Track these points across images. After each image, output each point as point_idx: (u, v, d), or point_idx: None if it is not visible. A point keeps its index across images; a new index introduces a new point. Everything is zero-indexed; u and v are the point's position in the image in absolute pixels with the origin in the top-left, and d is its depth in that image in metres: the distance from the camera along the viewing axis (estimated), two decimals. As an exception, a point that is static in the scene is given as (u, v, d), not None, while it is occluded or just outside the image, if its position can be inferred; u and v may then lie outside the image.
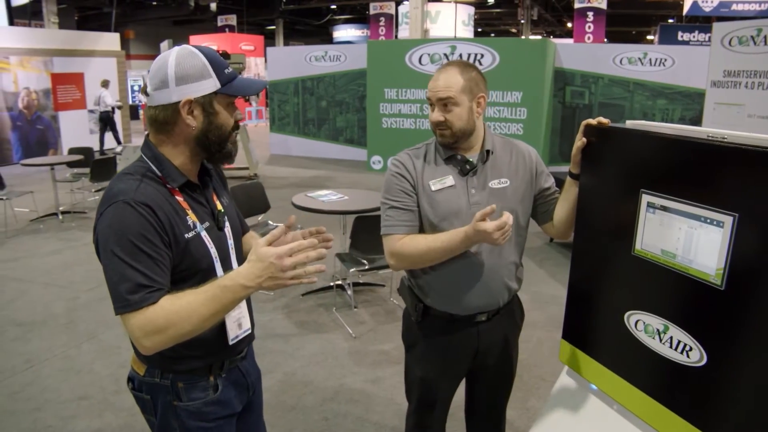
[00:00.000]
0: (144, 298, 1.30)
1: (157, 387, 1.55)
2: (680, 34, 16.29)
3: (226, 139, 1.50)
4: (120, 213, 1.34)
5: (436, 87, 1.89)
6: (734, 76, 6.37)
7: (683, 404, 1.56)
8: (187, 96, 1.42)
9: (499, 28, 28.16)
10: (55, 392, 3.43)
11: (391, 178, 1.96)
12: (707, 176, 1.45)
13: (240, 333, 1.62)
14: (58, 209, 7.49)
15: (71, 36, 13.45)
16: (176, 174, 1.48)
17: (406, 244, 1.89)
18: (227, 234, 1.60)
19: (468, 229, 1.76)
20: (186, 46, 1.46)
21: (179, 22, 23.97)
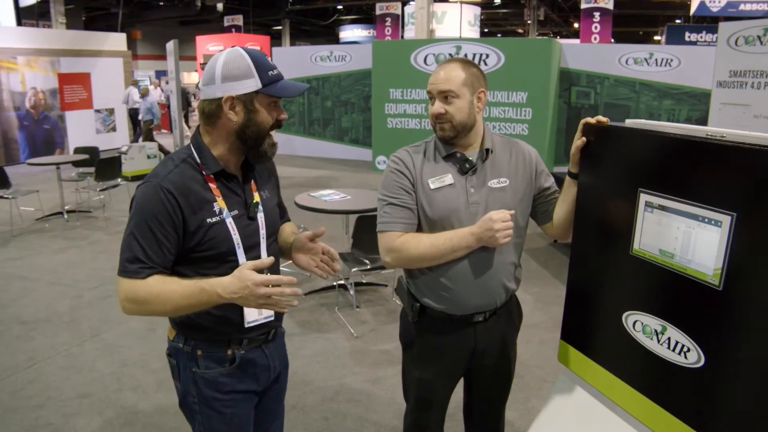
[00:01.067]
0: (136, 270, 1.51)
1: (181, 352, 1.70)
2: (687, 35, 16.21)
3: (264, 136, 1.62)
4: (146, 193, 1.54)
5: (437, 79, 1.88)
6: (740, 76, 6.34)
7: (680, 405, 1.55)
8: (230, 93, 1.56)
9: (505, 29, 28.10)
10: (57, 390, 3.44)
11: (389, 174, 1.94)
12: (705, 175, 1.44)
13: (259, 318, 1.71)
14: (64, 208, 7.51)
15: (78, 36, 13.51)
16: (212, 163, 1.62)
17: (407, 241, 1.87)
18: (260, 223, 1.71)
19: (473, 228, 1.78)
20: (237, 48, 1.59)
21: (186, 23, 24.02)
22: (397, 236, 1.89)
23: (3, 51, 11.33)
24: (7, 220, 7.09)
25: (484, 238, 1.79)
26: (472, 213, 1.88)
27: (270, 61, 1.61)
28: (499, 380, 2.17)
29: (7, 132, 11.54)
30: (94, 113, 13.07)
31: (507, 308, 2.06)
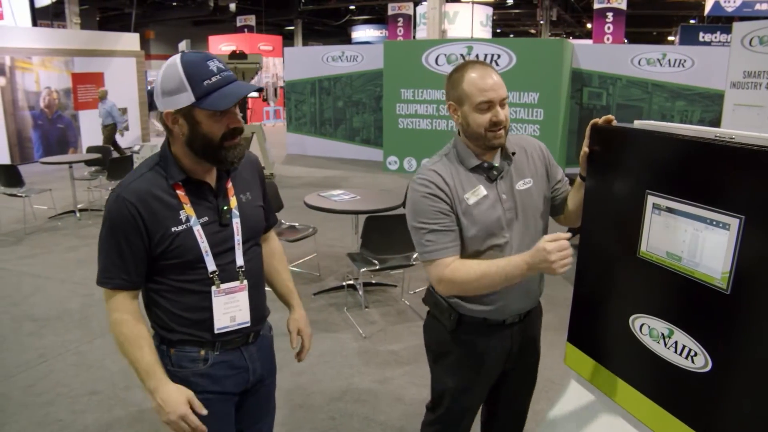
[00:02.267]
0: (105, 281, 1.60)
1: (159, 351, 1.68)
2: (702, 35, 16.07)
3: (217, 147, 1.56)
4: (110, 204, 1.57)
5: (494, 85, 1.77)
6: (754, 76, 6.27)
7: (687, 410, 1.54)
8: (167, 108, 1.54)
9: (517, 29, 28.01)
10: (67, 387, 3.47)
11: (422, 200, 1.80)
12: (714, 177, 1.42)
13: (231, 325, 1.69)
14: (76, 207, 7.58)
15: (92, 36, 13.62)
16: (175, 172, 1.60)
17: (457, 269, 1.77)
18: (235, 229, 1.68)
19: (527, 257, 1.66)
20: (175, 59, 1.53)
21: (199, 23, 24.16)
22: (446, 264, 1.78)
23: (18, 51, 11.45)
24: (20, 218, 7.16)
25: (540, 268, 1.65)
26: (509, 220, 1.84)
27: (213, 65, 1.53)
28: (529, 381, 2.15)
29: (22, 131, 11.65)
30: (107, 113, 13.15)
31: (537, 308, 2.07)
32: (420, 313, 4.51)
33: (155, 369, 1.58)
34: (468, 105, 1.80)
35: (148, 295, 1.67)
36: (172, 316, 1.64)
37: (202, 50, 7.60)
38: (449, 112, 1.89)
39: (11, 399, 3.35)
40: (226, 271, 1.66)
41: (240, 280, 1.69)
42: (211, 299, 1.65)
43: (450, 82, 1.86)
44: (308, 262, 5.60)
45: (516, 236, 1.87)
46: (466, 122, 1.82)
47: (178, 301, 1.64)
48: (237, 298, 1.69)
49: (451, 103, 1.86)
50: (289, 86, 13.05)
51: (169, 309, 1.64)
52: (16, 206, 7.41)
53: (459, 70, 1.83)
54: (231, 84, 1.54)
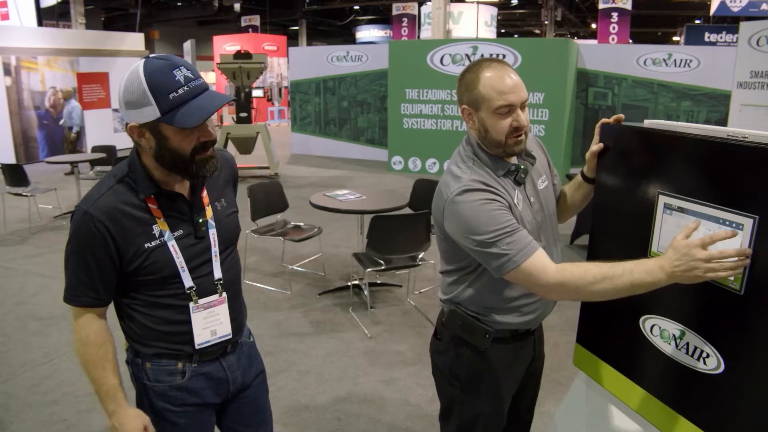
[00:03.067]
0: (71, 298, 1.54)
1: (134, 364, 1.64)
2: (707, 35, 16.03)
3: (187, 162, 1.46)
4: (77, 220, 1.48)
5: (515, 87, 1.63)
6: (762, 76, 6.24)
7: (698, 412, 1.52)
8: (131, 122, 1.43)
9: (522, 29, 27.97)
10: (72, 386, 3.46)
11: (481, 208, 1.60)
12: (727, 177, 1.41)
13: (212, 339, 1.63)
14: (81, 206, 7.58)
15: (97, 36, 13.65)
16: (146, 185, 1.50)
17: (566, 269, 1.53)
18: (211, 241, 1.61)
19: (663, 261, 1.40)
20: (137, 68, 1.39)
21: (203, 23, 24.20)
22: (544, 264, 1.55)
23: (24, 51, 11.47)
24: (25, 217, 7.17)
25: (679, 275, 1.38)
26: (540, 222, 1.78)
27: (179, 75, 1.39)
28: (538, 384, 2.10)
29: (27, 131, 11.68)
30: (112, 112, 13.18)
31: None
32: (425, 313, 4.50)
33: (116, 393, 1.54)
34: (485, 109, 1.66)
35: (122, 308, 1.60)
36: (147, 330, 1.57)
37: (206, 50, 7.51)
38: (463, 117, 1.75)
39: (16, 398, 3.35)
40: (203, 284, 1.59)
41: (219, 293, 1.63)
42: (189, 312, 1.58)
43: (463, 84, 1.72)
44: (313, 262, 5.60)
45: (549, 239, 1.81)
46: (483, 128, 1.68)
47: (154, 316, 1.57)
48: (217, 312, 1.62)
49: (465, 107, 1.72)
50: (294, 86, 13.04)
51: (144, 323, 1.57)
52: (22, 206, 7.42)
53: (473, 69, 1.69)
54: (200, 96, 1.41)
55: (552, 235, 1.86)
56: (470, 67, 1.72)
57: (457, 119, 10.16)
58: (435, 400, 3.29)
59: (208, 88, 1.45)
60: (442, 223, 1.73)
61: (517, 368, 1.92)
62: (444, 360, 1.91)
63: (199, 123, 1.40)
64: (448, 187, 1.69)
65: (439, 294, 1.94)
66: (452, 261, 1.82)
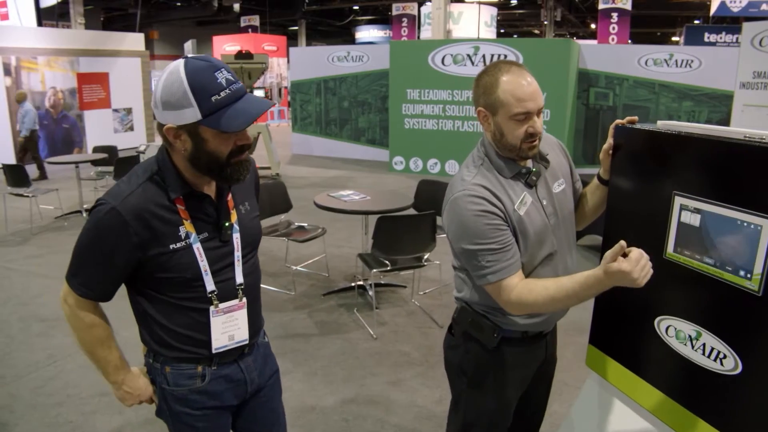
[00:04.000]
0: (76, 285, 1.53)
1: (153, 368, 1.65)
2: (707, 35, 16.04)
3: (223, 165, 1.45)
4: (102, 216, 1.43)
5: (533, 94, 1.65)
6: (765, 77, 6.24)
7: (716, 413, 1.52)
8: (169, 123, 1.40)
9: (521, 29, 27.97)
10: (76, 388, 3.45)
11: (475, 219, 1.65)
12: (745, 178, 1.40)
13: (229, 344, 1.63)
14: (82, 207, 7.57)
15: (97, 36, 13.62)
16: (176, 185, 1.48)
17: (523, 294, 1.65)
18: (235, 245, 1.60)
19: (598, 273, 1.49)
20: (178, 68, 1.37)
21: (203, 23, 24.18)
22: (512, 287, 1.65)
23: (24, 51, 11.45)
24: (27, 218, 7.16)
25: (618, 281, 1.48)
26: (553, 226, 1.78)
27: (221, 78, 1.37)
28: (549, 385, 2.10)
29: (27, 131, 11.65)
30: (112, 112, 13.17)
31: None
32: (430, 314, 4.50)
33: (123, 363, 1.63)
34: (502, 115, 1.67)
35: (144, 310, 1.58)
36: (168, 332, 1.57)
37: (206, 50, 7.41)
38: (478, 119, 1.74)
39: (21, 400, 3.34)
40: (224, 289, 1.58)
41: (239, 298, 1.62)
42: (209, 316, 1.57)
43: (480, 87, 1.71)
44: (317, 262, 5.59)
45: (562, 243, 1.82)
46: (499, 132, 1.69)
47: (175, 318, 1.56)
48: (236, 317, 1.62)
49: (482, 109, 1.71)
50: (294, 86, 13.03)
51: (164, 325, 1.56)
52: (23, 206, 7.41)
53: (491, 72, 1.69)
54: (241, 99, 1.40)
55: (566, 239, 1.85)
56: (488, 69, 1.71)
57: (459, 119, 10.16)
58: (442, 400, 3.31)
59: (247, 92, 1.44)
60: (444, 220, 1.79)
61: (525, 369, 1.93)
62: (455, 355, 1.96)
63: (243, 127, 1.39)
64: (454, 187, 1.75)
65: (453, 290, 1.95)
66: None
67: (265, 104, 1.44)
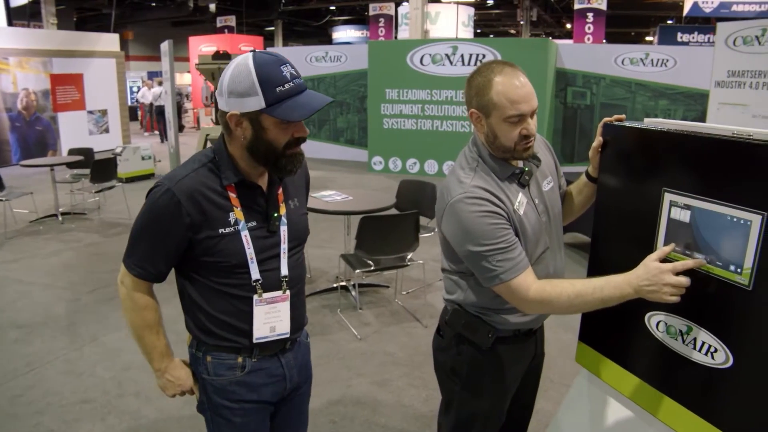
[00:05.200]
0: (130, 266, 1.58)
1: (195, 358, 1.69)
2: (680, 35, 16.27)
3: (279, 155, 1.51)
4: (158, 196, 1.51)
5: (527, 96, 1.63)
6: (738, 76, 6.35)
7: (707, 406, 1.53)
8: (233, 110, 1.47)
9: (498, 29, 28.13)
10: (57, 396, 3.38)
11: (480, 220, 1.63)
12: (734, 174, 1.42)
13: (270, 335, 1.65)
14: (58, 210, 7.44)
15: (70, 37, 13.39)
16: (230, 173, 1.55)
17: (545, 290, 1.62)
18: (281, 237, 1.64)
19: (631, 277, 1.51)
20: (246, 59, 1.45)
21: (178, 23, 23.91)
22: (528, 285, 1.63)
23: (-6, 52, 11.23)
24: (0, 222, 7.01)
25: (645, 293, 1.49)
26: (545, 223, 1.78)
27: (286, 71, 1.45)
28: (537, 381, 2.10)
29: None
30: (87, 114, 12.97)
31: None
32: (414, 313, 4.50)
33: (168, 351, 1.68)
34: (496, 117, 1.65)
35: (189, 296, 1.63)
36: (211, 318, 1.61)
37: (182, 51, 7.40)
38: (470, 120, 1.73)
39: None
40: (269, 279, 1.62)
41: (283, 290, 1.65)
42: (252, 305, 1.60)
43: (473, 87, 1.69)
44: (298, 263, 5.54)
45: (553, 240, 1.83)
46: (492, 134, 1.68)
47: (219, 304, 1.60)
48: (278, 308, 1.65)
49: (474, 111, 1.70)
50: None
51: (208, 311, 1.60)
52: (-4, 210, 7.26)
53: (484, 73, 1.67)
54: (303, 93, 1.47)
55: (557, 237, 1.86)
56: (480, 70, 1.69)
57: (438, 119, 10.18)
58: (429, 400, 3.31)
59: (308, 88, 1.50)
60: (441, 224, 1.76)
61: (518, 367, 1.93)
62: (446, 357, 1.94)
63: (304, 117, 1.45)
64: (451, 190, 1.71)
65: (443, 293, 1.94)
66: (455, 261, 1.82)
67: (324, 99, 1.50)
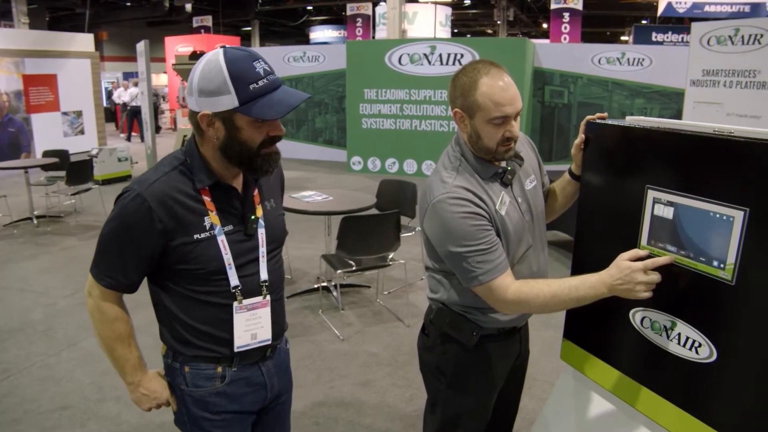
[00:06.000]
0: (98, 275, 1.50)
1: (171, 369, 1.61)
2: (654, 35, 16.49)
3: (254, 155, 1.44)
4: (128, 203, 1.43)
5: (512, 98, 1.64)
6: (713, 75, 6.44)
7: (692, 401, 1.54)
8: (204, 110, 1.40)
9: (475, 29, 28.25)
10: (34, 403, 3.31)
11: (462, 221, 1.63)
12: (716, 171, 1.43)
13: (251, 342, 1.59)
14: (33, 213, 7.30)
15: (43, 36, 13.16)
16: (204, 175, 1.48)
17: (521, 291, 1.64)
18: (259, 240, 1.58)
19: (605, 277, 1.55)
20: (218, 55, 1.38)
21: (154, 24, 23.62)
22: (507, 286, 1.64)
23: (-36, 52, 11.00)
24: (-27, 226, 6.87)
25: (620, 290, 1.54)
26: (528, 222, 1.79)
27: (259, 67, 1.38)
28: (522, 378, 2.11)
29: (-30, 136, 11.20)
30: (62, 116, 12.76)
31: None
32: (396, 313, 4.49)
33: (141, 364, 1.60)
34: (480, 118, 1.65)
35: (164, 306, 1.55)
36: (189, 328, 1.53)
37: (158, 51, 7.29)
38: (454, 119, 1.73)
39: (-25, 416, 3.19)
40: (248, 284, 1.56)
41: (263, 295, 1.59)
42: (232, 313, 1.54)
43: (457, 87, 1.69)
44: (279, 265, 5.50)
45: (536, 239, 1.84)
46: (476, 134, 1.68)
47: (197, 313, 1.53)
48: (259, 315, 1.58)
49: (458, 110, 1.70)
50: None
51: (185, 321, 1.53)
52: (-32, 214, 7.12)
53: (468, 73, 1.67)
54: (278, 90, 1.40)
55: (540, 236, 1.87)
56: (465, 69, 1.69)
57: (416, 119, 10.20)
58: (412, 400, 3.30)
59: (282, 84, 1.43)
60: (423, 223, 1.76)
61: (503, 365, 1.94)
62: (431, 356, 1.94)
63: (281, 115, 1.39)
64: (433, 190, 1.72)
65: (427, 292, 1.94)
66: (438, 260, 1.81)
67: (301, 96, 1.44)
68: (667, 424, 1.61)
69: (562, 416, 2.01)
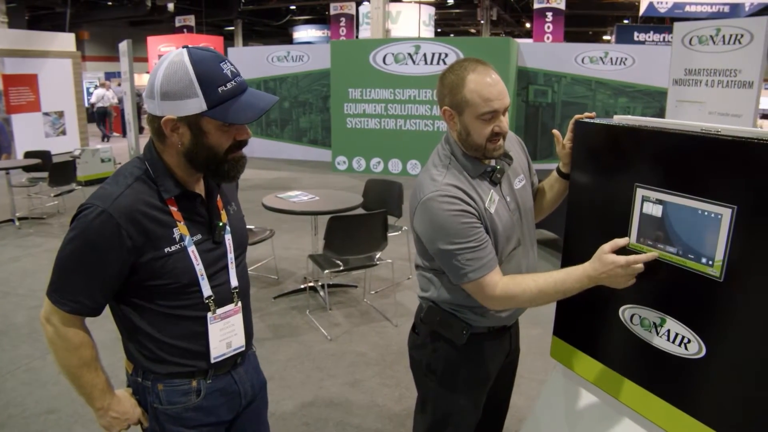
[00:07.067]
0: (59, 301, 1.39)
1: (142, 387, 1.53)
2: (636, 35, 16.63)
3: (220, 160, 1.39)
4: (91, 220, 1.33)
5: (499, 94, 1.65)
6: (695, 74, 6.52)
7: (682, 396, 1.56)
8: (169, 114, 1.32)
9: (458, 29, 28.33)
10: (19, 407, 3.27)
11: (452, 219, 1.64)
12: (704, 169, 1.45)
13: (227, 351, 1.56)
14: (15, 215, 7.21)
15: (23, 36, 12.98)
16: (170, 185, 1.41)
17: (509, 288, 1.66)
18: (227, 247, 1.53)
19: (589, 270, 1.58)
20: (182, 56, 1.31)
21: (136, 23, 23.41)
22: (495, 283, 1.66)
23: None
24: (-47, 228, 6.77)
25: (603, 281, 1.58)
26: (516, 220, 1.80)
27: (226, 69, 1.33)
28: (513, 376, 2.13)
29: (-51, 137, 11.01)
30: (43, 116, 12.60)
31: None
32: (384, 312, 4.49)
33: (109, 387, 1.50)
34: (469, 114, 1.67)
35: (132, 324, 1.47)
36: (162, 345, 1.46)
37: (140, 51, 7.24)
38: (443, 118, 1.74)
39: (-41, 421, 3.15)
40: (221, 293, 1.51)
41: (235, 302, 1.55)
42: (206, 325, 1.49)
43: (446, 85, 1.70)
44: (265, 265, 5.49)
45: (525, 238, 1.85)
46: (465, 131, 1.69)
47: (170, 329, 1.46)
48: (232, 323, 1.54)
49: (447, 108, 1.71)
50: (233, 87, 12.78)
51: (159, 338, 1.46)
52: (-52, 216, 7.01)
53: (456, 71, 1.69)
54: (246, 92, 1.35)
55: (528, 235, 1.88)
56: (453, 67, 1.71)
57: (401, 118, 10.20)
58: (402, 399, 3.31)
59: (249, 86, 1.39)
60: (413, 221, 1.77)
61: (493, 363, 1.94)
62: (421, 354, 1.94)
63: (253, 119, 1.34)
64: (423, 187, 1.72)
65: (417, 290, 1.94)
66: (428, 258, 1.82)
67: (271, 98, 1.39)
68: (657, 419, 1.63)
69: (553, 413, 2.02)
